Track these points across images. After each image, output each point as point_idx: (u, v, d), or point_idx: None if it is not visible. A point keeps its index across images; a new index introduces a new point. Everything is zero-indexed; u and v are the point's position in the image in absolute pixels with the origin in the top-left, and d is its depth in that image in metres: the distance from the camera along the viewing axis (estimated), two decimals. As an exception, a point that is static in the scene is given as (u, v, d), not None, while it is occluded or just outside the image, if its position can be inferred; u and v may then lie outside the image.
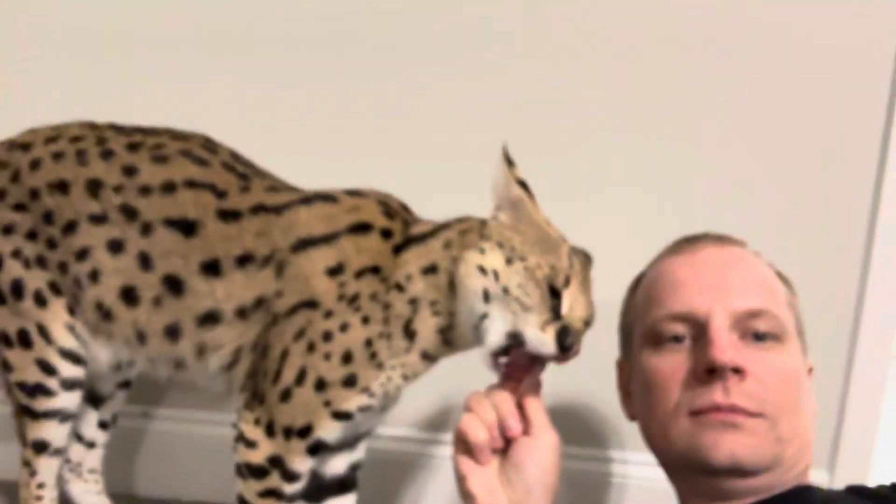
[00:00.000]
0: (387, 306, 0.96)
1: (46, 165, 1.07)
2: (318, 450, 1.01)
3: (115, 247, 1.04)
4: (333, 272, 0.97)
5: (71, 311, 1.10)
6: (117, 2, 1.47)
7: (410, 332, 0.97)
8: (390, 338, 0.97)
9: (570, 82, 1.42)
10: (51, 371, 1.12)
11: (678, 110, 1.42)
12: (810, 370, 0.92)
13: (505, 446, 0.83)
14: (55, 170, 1.07)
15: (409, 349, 0.98)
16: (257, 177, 1.08)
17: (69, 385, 1.13)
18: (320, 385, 0.96)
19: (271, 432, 0.98)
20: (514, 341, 0.86)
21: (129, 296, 1.04)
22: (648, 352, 0.90)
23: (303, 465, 1.00)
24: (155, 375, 1.13)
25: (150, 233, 1.03)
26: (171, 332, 1.04)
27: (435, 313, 0.97)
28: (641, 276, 1.01)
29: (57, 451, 1.19)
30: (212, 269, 1.01)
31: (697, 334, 0.85)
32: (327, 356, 0.95)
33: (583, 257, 0.96)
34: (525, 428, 0.83)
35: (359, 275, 0.97)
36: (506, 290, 0.87)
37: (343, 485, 1.12)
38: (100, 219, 1.04)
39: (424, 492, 1.54)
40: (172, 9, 1.46)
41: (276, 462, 0.99)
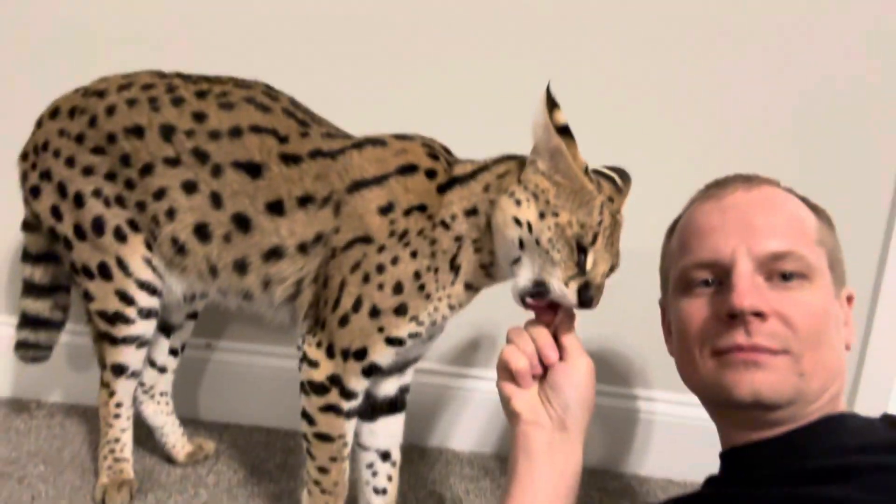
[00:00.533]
0: (433, 242, 1.03)
1: (121, 111, 1.16)
2: (372, 372, 1.10)
3: (189, 187, 1.12)
4: (384, 210, 1.04)
5: (148, 247, 1.19)
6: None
7: (455, 266, 1.05)
8: (437, 271, 1.04)
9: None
10: (129, 301, 1.22)
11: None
12: (849, 298, 0.94)
13: (543, 373, 0.91)
14: (130, 115, 1.15)
15: (454, 281, 1.06)
16: (315, 123, 1.15)
17: (146, 314, 1.24)
18: (374, 312, 1.04)
19: (331, 354, 1.07)
20: (542, 288, 0.93)
21: (201, 232, 1.13)
22: (680, 297, 0.93)
23: (358, 384, 1.09)
24: (225, 306, 1.22)
25: (220, 174, 1.11)
26: (240, 266, 1.13)
27: (477, 250, 1.04)
28: (676, 221, 1.04)
29: (133, 374, 1.30)
30: (276, 208, 1.09)
31: (723, 279, 0.88)
32: (381, 286, 1.03)
33: (617, 182, 1.00)
34: (561, 355, 0.91)
35: (407, 213, 1.04)
36: (538, 241, 0.93)
37: (393, 405, 1.21)
38: (174, 161, 1.13)
39: (456, 420, 1.64)
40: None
41: (336, 381, 1.08)
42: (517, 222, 0.95)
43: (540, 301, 0.94)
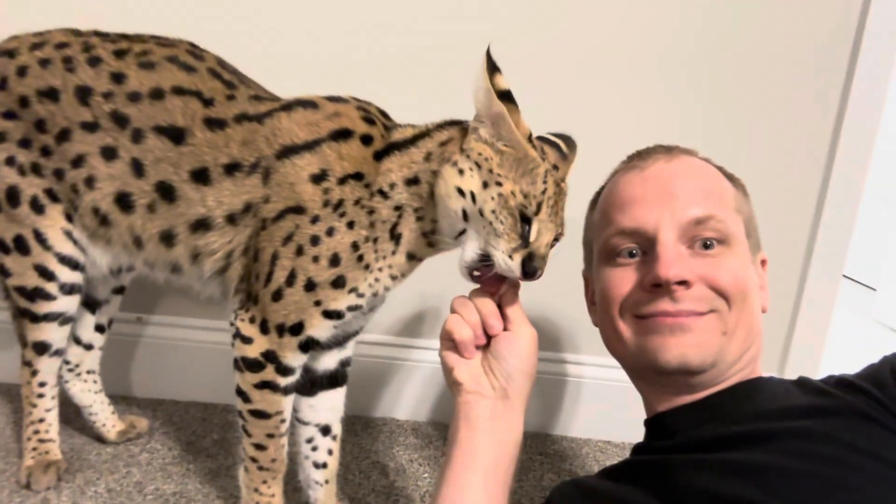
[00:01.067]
0: (371, 211, 0.99)
1: (34, 72, 1.08)
2: (310, 346, 1.06)
3: (109, 154, 1.05)
4: (317, 179, 0.99)
5: (68, 218, 1.13)
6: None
7: (396, 236, 1.01)
8: (376, 241, 1.00)
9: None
10: (50, 276, 1.15)
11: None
12: (763, 262, 0.97)
13: (487, 342, 0.90)
14: (43, 76, 1.07)
15: (395, 251, 1.02)
16: (243, 84, 1.09)
17: (68, 289, 1.17)
18: (310, 286, 1.00)
19: (265, 329, 1.03)
20: (488, 261, 0.91)
21: (124, 202, 1.07)
22: (604, 266, 0.95)
23: (295, 360, 1.06)
24: (154, 279, 1.17)
25: (140, 140, 1.04)
26: (166, 238, 1.07)
27: (419, 219, 1.00)
28: (599, 192, 1.05)
29: (57, 352, 1.24)
30: (201, 176, 1.03)
31: (647, 248, 0.90)
32: (315, 259, 0.99)
33: (563, 149, 0.98)
34: (505, 325, 0.90)
35: (342, 181, 0.99)
36: (481, 212, 0.90)
37: (334, 379, 1.18)
38: (92, 126, 1.06)
39: (401, 391, 1.63)
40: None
41: (271, 357, 1.04)
42: (460, 192, 0.92)
43: (486, 272, 0.92)
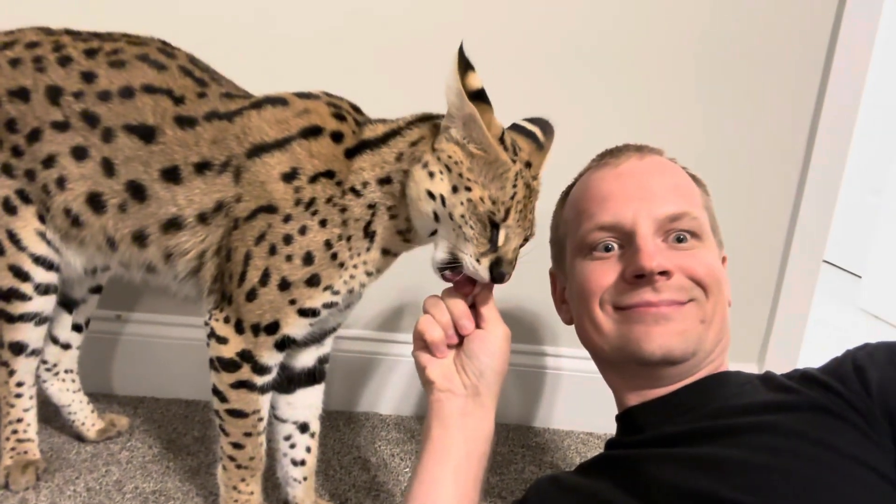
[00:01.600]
0: (344, 209, 0.99)
1: (4, 72, 1.06)
2: (286, 345, 1.06)
3: (79, 153, 1.05)
4: (288, 177, 0.98)
5: (41, 219, 1.12)
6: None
7: (370, 233, 1.01)
8: (350, 238, 1.00)
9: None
10: (24, 276, 1.14)
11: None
12: (724, 259, 0.99)
13: (459, 341, 0.91)
14: (14, 76, 1.06)
15: (370, 248, 1.02)
16: (214, 82, 1.08)
17: (43, 290, 1.17)
18: (284, 285, 1.00)
19: (240, 329, 1.03)
20: (458, 263, 0.91)
21: (95, 202, 1.06)
22: (581, 261, 0.95)
23: (271, 359, 1.06)
24: (130, 279, 1.16)
25: (111, 139, 1.03)
26: (139, 238, 1.07)
27: (392, 217, 1.00)
28: (568, 190, 1.05)
29: (34, 352, 1.24)
30: (172, 175, 1.03)
31: (625, 242, 0.90)
32: (289, 258, 0.99)
33: (539, 138, 0.98)
34: (478, 323, 0.91)
35: (313, 179, 0.98)
36: (451, 216, 0.90)
37: (312, 376, 1.18)
38: (62, 126, 1.05)
39: (383, 386, 1.64)
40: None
41: (246, 356, 1.04)
42: (430, 196, 0.92)
43: (457, 273, 0.93)
